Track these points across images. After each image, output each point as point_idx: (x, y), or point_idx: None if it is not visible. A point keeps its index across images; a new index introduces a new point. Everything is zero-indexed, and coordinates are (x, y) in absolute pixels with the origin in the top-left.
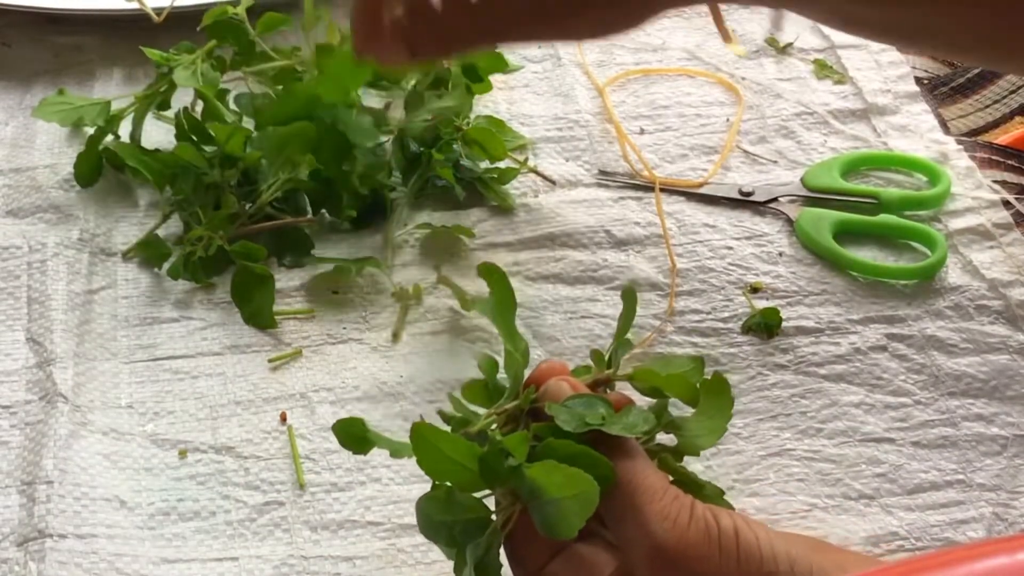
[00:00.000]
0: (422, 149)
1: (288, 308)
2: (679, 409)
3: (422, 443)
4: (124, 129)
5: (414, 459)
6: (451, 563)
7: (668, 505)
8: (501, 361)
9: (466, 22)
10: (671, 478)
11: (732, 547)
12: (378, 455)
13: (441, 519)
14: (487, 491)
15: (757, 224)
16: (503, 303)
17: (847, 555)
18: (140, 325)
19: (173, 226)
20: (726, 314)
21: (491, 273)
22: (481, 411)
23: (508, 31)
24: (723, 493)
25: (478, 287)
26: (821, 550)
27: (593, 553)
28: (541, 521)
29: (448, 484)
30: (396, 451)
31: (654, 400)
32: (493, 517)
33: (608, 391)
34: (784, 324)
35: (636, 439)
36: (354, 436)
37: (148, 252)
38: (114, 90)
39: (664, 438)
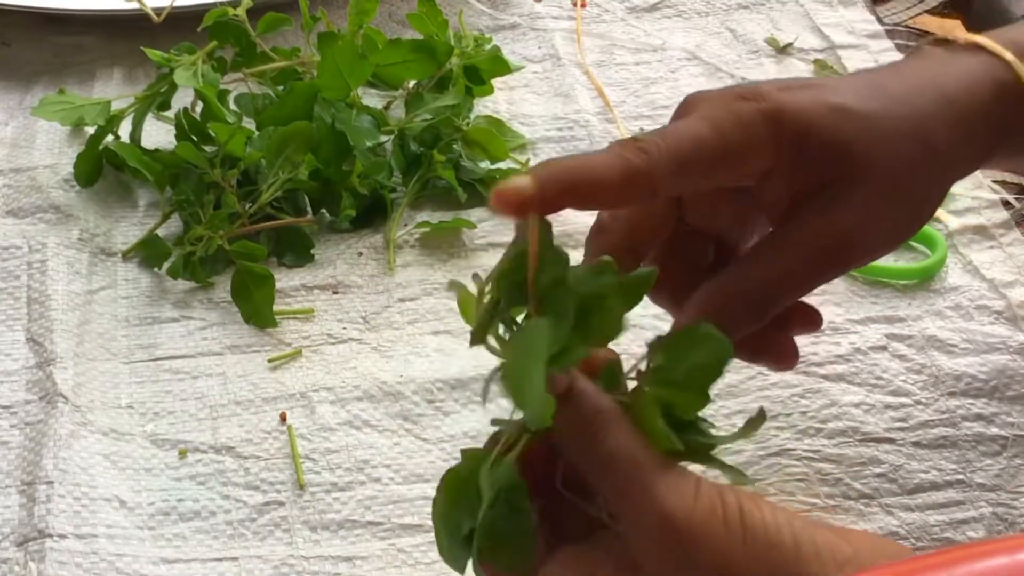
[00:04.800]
0: (422, 149)
1: (288, 308)
2: None
3: None
4: (124, 129)
5: (414, 459)
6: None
7: (674, 479)
8: None
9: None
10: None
11: (737, 523)
12: (378, 455)
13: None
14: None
15: None
16: None
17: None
18: (140, 325)
19: (173, 226)
20: None
21: None
22: None
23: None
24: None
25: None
26: (824, 527)
27: (589, 549)
28: None
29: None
30: None
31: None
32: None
33: None
34: None
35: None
36: None
37: (148, 252)
38: (114, 90)
39: None
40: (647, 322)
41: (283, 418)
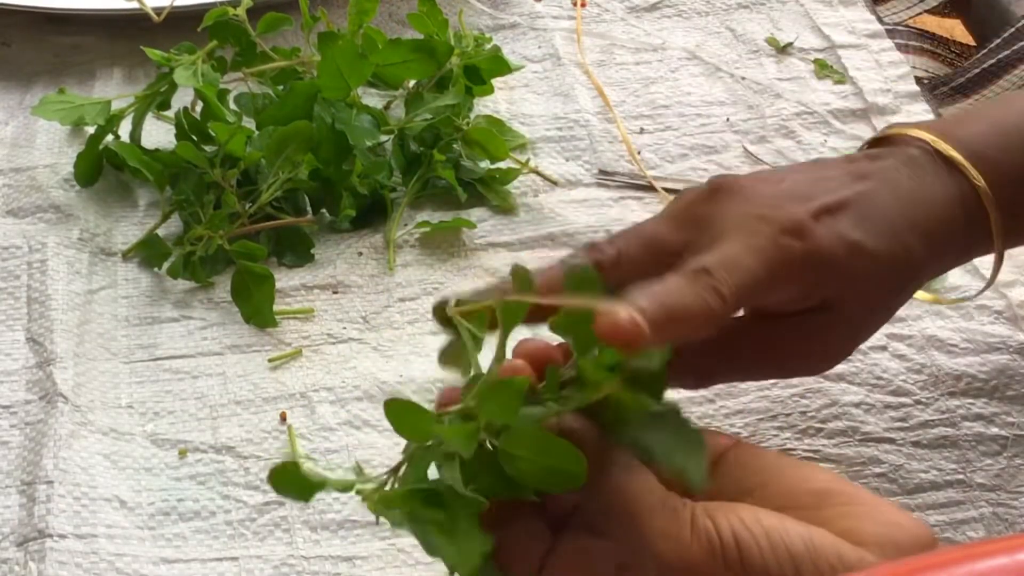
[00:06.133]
0: (422, 149)
1: (288, 308)
2: None
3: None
4: (124, 129)
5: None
6: None
7: (668, 522)
8: None
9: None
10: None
11: (735, 559)
12: (378, 455)
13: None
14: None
15: None
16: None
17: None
18: (140, 325)
19: (173, 226)
20: None
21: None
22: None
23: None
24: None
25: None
26: (823, 509)
27: (592, 540)
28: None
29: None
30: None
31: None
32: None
33: None
34: None
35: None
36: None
37: (148, 252)
38: (114, 90)
39: None
40: None
41: (283, 418)
